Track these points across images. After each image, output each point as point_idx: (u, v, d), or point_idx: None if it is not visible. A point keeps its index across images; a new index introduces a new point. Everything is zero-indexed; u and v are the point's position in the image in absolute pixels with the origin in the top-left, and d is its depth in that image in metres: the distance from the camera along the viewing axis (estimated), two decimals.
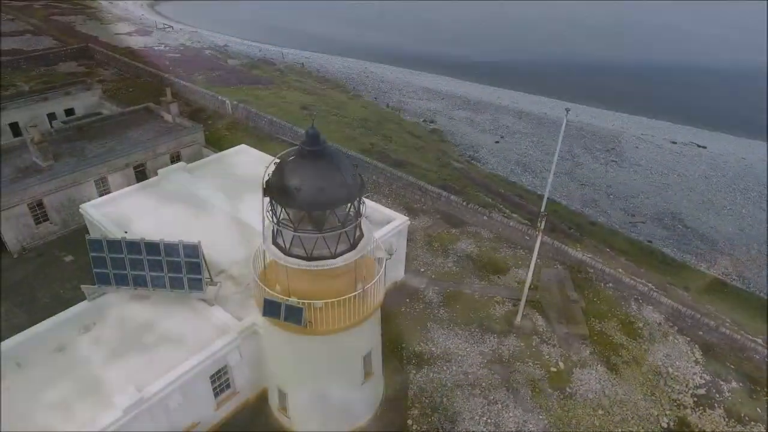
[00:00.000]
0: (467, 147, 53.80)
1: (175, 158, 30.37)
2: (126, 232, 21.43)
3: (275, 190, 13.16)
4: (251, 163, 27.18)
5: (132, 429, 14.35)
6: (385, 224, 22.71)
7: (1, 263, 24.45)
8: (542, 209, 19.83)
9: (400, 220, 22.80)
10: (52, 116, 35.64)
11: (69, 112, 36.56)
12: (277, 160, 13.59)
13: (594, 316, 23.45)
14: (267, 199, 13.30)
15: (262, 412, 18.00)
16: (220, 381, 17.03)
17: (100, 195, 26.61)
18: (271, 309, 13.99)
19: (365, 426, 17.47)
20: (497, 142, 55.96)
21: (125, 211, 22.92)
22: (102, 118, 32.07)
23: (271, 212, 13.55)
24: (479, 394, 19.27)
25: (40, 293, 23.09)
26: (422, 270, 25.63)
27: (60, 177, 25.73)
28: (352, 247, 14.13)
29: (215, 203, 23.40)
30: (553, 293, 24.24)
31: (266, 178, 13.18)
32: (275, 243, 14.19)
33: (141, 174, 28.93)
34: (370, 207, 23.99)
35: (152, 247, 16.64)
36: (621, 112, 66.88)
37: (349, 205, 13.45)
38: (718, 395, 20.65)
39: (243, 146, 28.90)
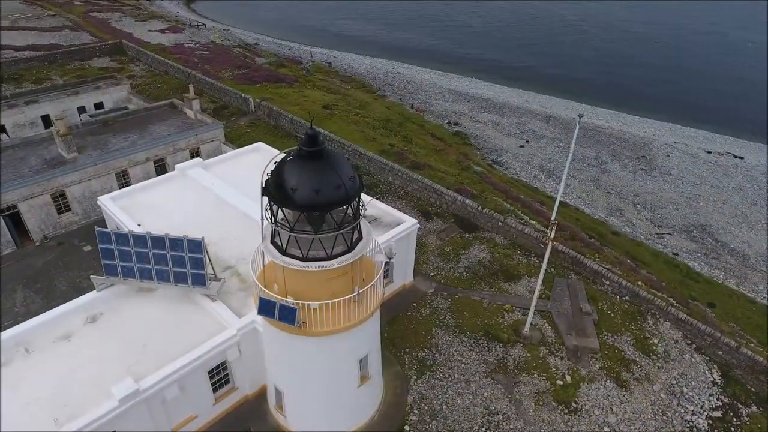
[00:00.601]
0: (490, 150, 53.13)
1: (195, 154, 30.92)
2: (139, 225, 21.90)
3: (272, 189, 13.19)
4: (266, 160, 27.31)
5: (128, 419, 14.62)
6: (394, 226, 22.53)
7: (20, 252, 25.36)
8: (552, 217, 19.27)
9: (409, 223, 22.57)
10: (82, 109, 36.85)
11: (98, 105, 37.72)
12: (276, 160, 13.62)
13: (607, 329, 22.70)
14: (266, 198, 13.34)
15: (260, 409, 18.10)
16: (219, 376, 17.19)
17: (121, 188, 27.27)
18: (265, 308, 14.01)
19: (361, 429, 17.34)
20: (522, 146, 55.05)
21: (140, 204, 23.42)
22: (127, 113, 32.95)
23: (269, 212, 13.58)
24: (480, 403, 18.88)
25: (57, 281, 23.85)
26: (432, 274, 25.33)
27: (82, 169, 26.52)
28: (350, 249, 14.01)
29: (227, 200, 23.67)
30: (565, 304, 23.58)
31: (265, 177, 13.22)
32: (273, 242, 14.22)
33: (161, 168, 29.57)
34: (381, 209, 23.93)
35: (158, 241, 16.92)
36: (654, 119, 64.81)
37: (346, 207, 13.36)
38: (735, 419, 19.70)
39: (260, 144, 29.18)
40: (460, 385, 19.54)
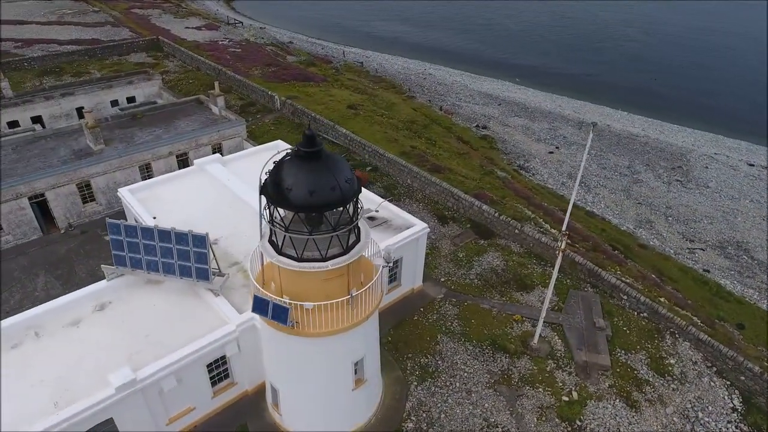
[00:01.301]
0: (518, 156, 52.12)
1: (217, 149, 31.50)
2: (155, 218, 22.44)
3: (269, 188, 13.21)
4: None
5: (125, 407, 14.95)
6: (404, 229, 22.31)
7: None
8: (563, 228, 18.64)
9: (419, 227, 22.30)
10: (114, 103, 38.13)
11: (131, 99, 38.95)
12: (276, 159, 13.63)
13: (621, 346, 21.82)
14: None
15: (259, 406, 18.22)
16: (218, 370, 17.39)
17: (144, 180, 28.04)
18: (259, 306, 14.05)
19: None
20: (551, 152, 53.79)
21: (158, 198, 23.99)
22: (155, 107, 33.88)
23: (267, 210, 13.63)
24: (480, 414, 18.45)
25: (77, 268, 24.71)
26: (442, 279, 24.97)
27: (107, 161, 27.41)
28: (346, 251, 13.90)
29: (242, 196, 23.96)
30: (578, 317, 22.81)
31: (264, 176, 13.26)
32: (271, 241, 14.27)
33: (183, 163, 30.24)
34: (392, 211, 23.74)
35: (164, 234, 17.26)
36: (694, 128, 62.15)
37: (341, 209, 13.27)
38: None
39: (279, 142, 29.44)
40: (460, 395, 19.15)
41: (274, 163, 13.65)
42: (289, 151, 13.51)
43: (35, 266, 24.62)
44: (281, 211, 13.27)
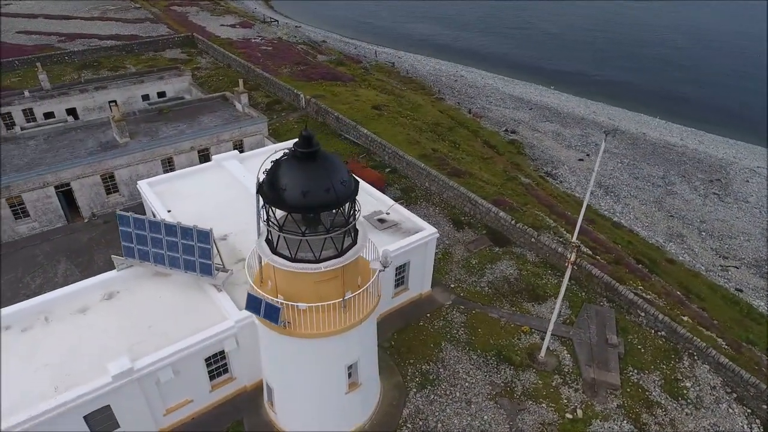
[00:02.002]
0: (545, 162, 50.94)
1: (238, 146, 31.98)
2: (169, 211, 22.93)
3: (265, 188, 13.24)
4: None
5: (122, 395, 15.29)
6: (413, 233, 22.05)
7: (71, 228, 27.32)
8: (573, 238, 17.98)
9: (428, 232, 21.99)
10: (145, 97, 39.28)
11: (161, 94, 40.05)
12: (274, 158, 13.66)
13: (633, 365, 20.90)
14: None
15: (256, 402, 18.32)
16: (217, 365, 17.58)
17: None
18: (252, 304, 14.10)
19: None
20: (581, 159, 52.33)
21: (174, 191, 24.51)
22: (181, 103, 34.69)
23: (263, 209, 13.66)
24: (477, 427, 18.00)
25: (97, 256, 25.51)
26: (452, 286, 24.55)
27: (130, 153, 28.21)
28: (340, 253, 13.79)
29: (255, 193, 24.13)
30: (590, 332, 21.99)
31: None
32: (267, 240, 14.30)
33: (204, 158, 30.81)
34: (402, 214, 23.50)
35: (170, 228, 17.57)
36: (737, 140, 59.29)
37: (335, 211, 13.17)
38: None
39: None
40: (460, 405, 18.75)
41: (271, 162, 13.69)
42: (286, 150, 13.50)
43: (58, 253, 25.57)
44: (272, 210, 13.29)
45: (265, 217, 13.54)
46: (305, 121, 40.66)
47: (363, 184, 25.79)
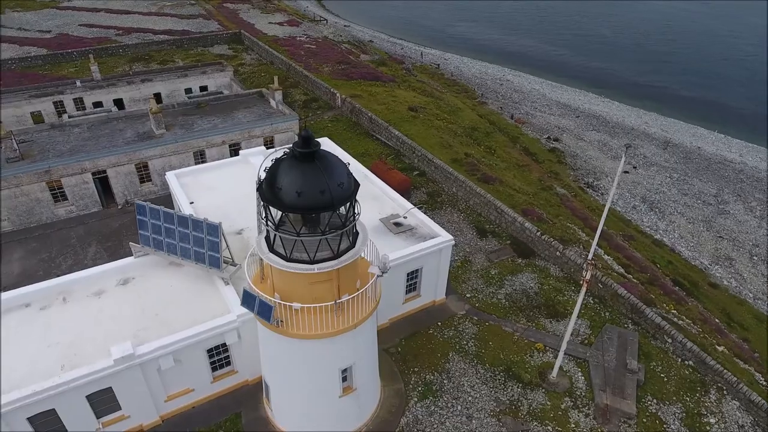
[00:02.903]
0: (587, 172, 48.98)
1: (269, 142, 32.48)
2: (192, 202, 23.53)
3: (264, 186, 13.26)
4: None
5: (123, 378, 15.76)
6: (428, 239, 21.61)
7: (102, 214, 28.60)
8: (589, 256, 17.02)
9: (443, 238, 21.48)
10: (188, 91, 40.63)
11: (203, 88, 41.32)
12: (274, 157, 13.67)
13: (653, 394, 19.60)
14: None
15: (255, 397, 18.46)
16: (219, 357, 17.83)
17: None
18: (247, 300, 14.19)
19: None
20: (626, 172, 50.02)
21: (199, 183, 25.13)
22: (218, 97, 35.61)
23: (263, 207, 13.70)
24: None
25: (125, 242, 26.46)
26: (468, 295, 23.90)
27: (164, 145, 29.20)
28: (336, 256, 13.62)
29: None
30: (608, 355, 20.81)
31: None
32: (267, 238, 14.33)
33: (235, 152, 31.38)
34: (420, 219, 23.07)
35: (183, 220, 17.98)
36: None
37: (330, 213, 13.00)
38: None
39: (325, 139, 29.73)
40: (460, 419, 18.18)
41: (272, 160, 13.71)
42: (286, 150, 13.47)
43: (90, 236, 26.81)
44: (270, 209, 13.28)
45: (264, 215, 13.55)
46: (339, 120, 40.88)
47: (384, 187, 25.58)
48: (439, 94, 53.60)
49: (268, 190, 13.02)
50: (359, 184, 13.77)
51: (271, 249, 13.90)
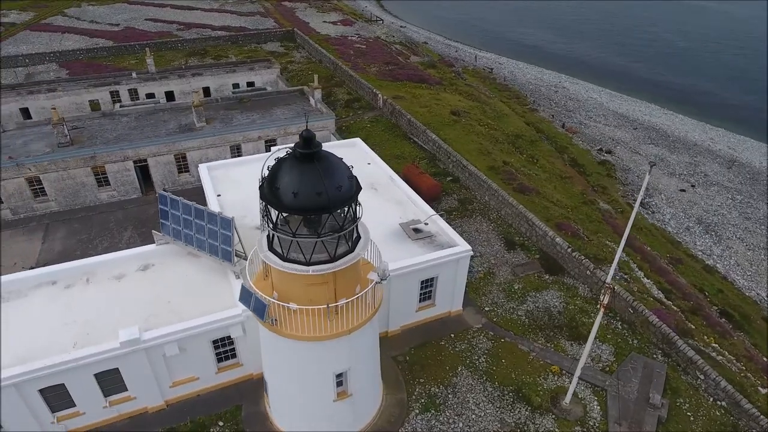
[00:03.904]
0: (639, 188, 46.19)
1: None
2: (219, 195, 24.13)
3: (264, 185, 13.29)
4: (354, 157, 27.75)
5: (130, 361, 16.35)
6: (446, 248, 21.04)
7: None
8: (608, 279, 15.91)
9: (461, 248, 20.83)
10: (236, 86, 41.85)
11: (250, 84, 42.44)
12: (276, 156, 13.69)
13: None
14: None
15: (257, 392, 18.63)
16: (224, 348, 18.13)
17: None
18: (245, 297, 14.28)
19: None
20: (683, 190, 46.99)
21: (228, 177, 25.73)
22: (261, 94, 36.42)
23: (264, 205, 13.74)
24: None
25: (158, 228, 27.56)
26: (486, 309, 23.09)
27: (203, 137, 30.17)
28: (332, 259, 13.45)
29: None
30: (630, 386, 19.44)
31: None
32: (268, 236, 14.37)
33: (271, 148, 32.04)
34: (440, 227, 22.51)
35: (199, 212, 18.41)
36: None
37: (327, 215, 12.84)
38: None
39: (356, 140, 29.69)
40: None
41: (274, 159, 13.70)
42: (289, 149, 13.43)
43: (127, 221, 28.11)
44: (269, 208, 13.26)
45: (263, 214, 13.57)
46: (378, 121, 40.77)
47: (409, 191, 25.16)
48: (486, 98, 52.37)
49: (268, 189, 13.00)
50: (361, 188, 13.52)
51: (271, 248, 13.91)
